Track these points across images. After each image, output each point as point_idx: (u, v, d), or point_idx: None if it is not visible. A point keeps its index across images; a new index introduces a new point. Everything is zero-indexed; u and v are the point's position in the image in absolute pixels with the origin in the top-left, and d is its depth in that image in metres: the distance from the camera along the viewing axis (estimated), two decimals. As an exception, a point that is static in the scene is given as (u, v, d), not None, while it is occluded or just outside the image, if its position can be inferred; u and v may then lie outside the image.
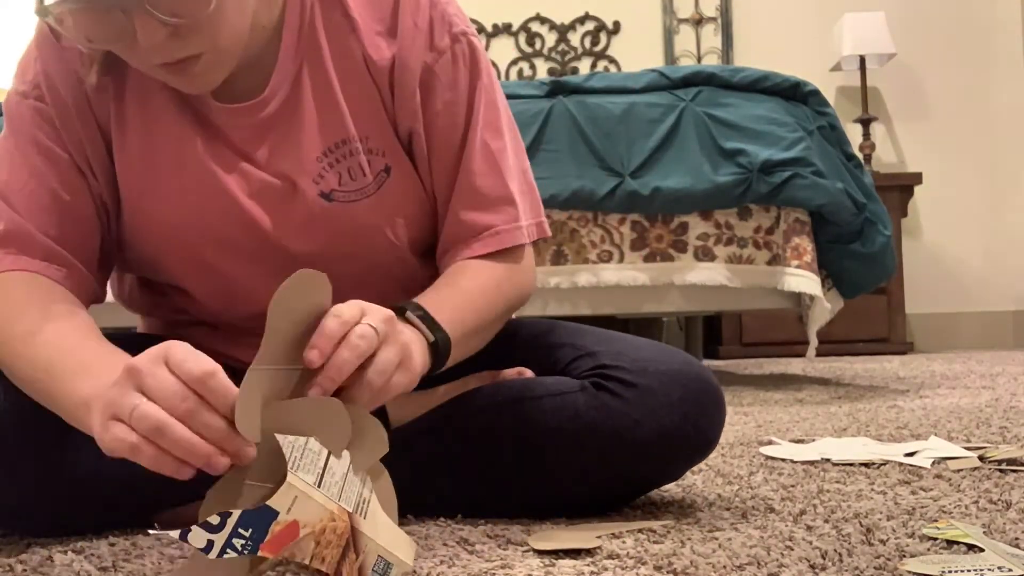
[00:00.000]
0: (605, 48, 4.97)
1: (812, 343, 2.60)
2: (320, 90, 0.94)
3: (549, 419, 0.93)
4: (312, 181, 0.94)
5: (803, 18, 4.85)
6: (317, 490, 0.66)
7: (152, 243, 0.98)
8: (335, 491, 0.68)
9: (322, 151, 0.94)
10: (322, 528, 0.66)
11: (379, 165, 0.96)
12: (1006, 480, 1.11)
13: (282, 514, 0.64)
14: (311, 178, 0.94)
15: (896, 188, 4.36)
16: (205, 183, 0.94)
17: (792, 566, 0.75)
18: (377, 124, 0.96)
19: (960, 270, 4.81)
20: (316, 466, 0.67)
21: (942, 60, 4.82)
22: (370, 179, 0.96)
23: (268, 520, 0.64)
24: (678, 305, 2.59)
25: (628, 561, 0.78)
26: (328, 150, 0.95)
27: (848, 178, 2.51)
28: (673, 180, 2.45)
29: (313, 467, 0.67)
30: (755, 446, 1.46)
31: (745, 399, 2.29)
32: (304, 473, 0.66)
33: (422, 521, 0.95)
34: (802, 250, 2.47)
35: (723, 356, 4.29)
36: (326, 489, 0.67)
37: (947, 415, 1.80)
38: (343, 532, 0.67)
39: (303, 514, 0.65)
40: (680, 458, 0.96)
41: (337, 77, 0.95)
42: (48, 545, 0.89)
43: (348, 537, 0.68)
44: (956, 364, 3.34)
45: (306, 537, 0.65)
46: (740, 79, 2.56)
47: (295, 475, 0.66)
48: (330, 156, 0.95)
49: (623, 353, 0.96)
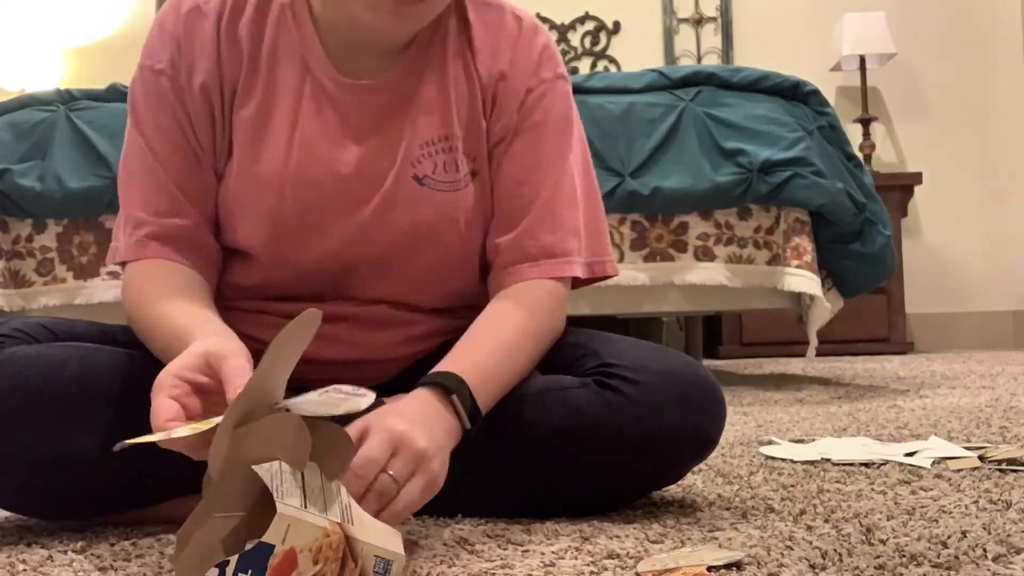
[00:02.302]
0: (605, 48, 4.97)
1: (812, 343, 2.60)
2: (439, 87, 1.02)
3: (551, 415, 0.93)
4: (410, 164, 1.00)
5: (803, 18, 4.85)
6: (305, 511, 0.66)
7: (246, 201, 1.00)
8: (321, 505, 0.67)
9: (426, 140, 1.01)
10: (318, 547, 0.66)
11: (470, 167, 1.03)
12: (1006, 480, 1.11)
13: (278, 546, 0.64)
14: (410, 161, 1.00)
15: (896, 188, 4.36)
16: (312, 145, 0.99)
17: (792, 566, 0.75)
18: (475, 131, 1.03)
19: (960, 270, 4.81)
20: (297, 487, 0.67)
21: (942, 60, 4.82)
22: (461, 176, 1.02)
23: (265, 556, 0.64)
24: (678, 305, 2.59)
25: (628, 561, 0.78)
26: (431, 140, 1.01)
27: (848, 178, 2.51)
28: (673, 180, 2.45)
29: (295, 489, 0.67)
30: (755, 446, 1.46)
31: (745, 399, 2.29)
32: (289, 498, 0.66)
33: (422, 521, 0.95)
34: (802, 250, 2.46)
35: (723, 356, 4.29)
36: (313, 507, 0.67)
37: (947, 415, 1.80)
38: (339, 545, 0.67)
39: (298, 539, 0.65)
40: (681, 456, 0.97)
41: (454, 79, 1.03)
42: (48, 545, 0.89)
43: (344, 548, 0.68)
44: (956, 364, 3.34)
45: (305, 561, 0.65)
46: (740, 79, 2.56)
47: (282, 503, 0.65)
48: (431, 147, 1.01)
49: (625, 352, 0.97)
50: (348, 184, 0.99)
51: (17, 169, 2.43)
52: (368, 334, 1.03)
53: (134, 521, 0.97)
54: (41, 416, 0.89)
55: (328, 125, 1.00)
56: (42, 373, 0.89)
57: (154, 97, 1.00)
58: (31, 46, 4.83)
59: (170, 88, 0.99)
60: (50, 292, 2.49)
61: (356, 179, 0.99)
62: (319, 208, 0.99)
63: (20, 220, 2.49)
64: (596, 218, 1.09)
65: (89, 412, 0.90)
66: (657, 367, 0.95)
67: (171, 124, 0.99)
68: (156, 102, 1.00)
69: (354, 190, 0.99)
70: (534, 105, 1.04)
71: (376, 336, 1.04)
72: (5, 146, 2.46)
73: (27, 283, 2.51)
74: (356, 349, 1.03)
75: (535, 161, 1.04)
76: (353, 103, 1.01)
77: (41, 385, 0.89)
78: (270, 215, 0.99)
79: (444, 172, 1.01)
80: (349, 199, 0.99)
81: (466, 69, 1.04)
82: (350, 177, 0.99)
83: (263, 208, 0.99)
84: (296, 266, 1.02)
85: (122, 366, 0.94)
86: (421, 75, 1.02)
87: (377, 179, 1.00)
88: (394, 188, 1.00)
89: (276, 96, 1.00)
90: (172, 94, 0.99)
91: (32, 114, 2.50)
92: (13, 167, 2.43)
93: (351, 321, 1.03)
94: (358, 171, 0.99)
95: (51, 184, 2.41)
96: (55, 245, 2.50)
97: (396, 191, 1.00)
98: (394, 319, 1.04)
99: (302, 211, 0.99)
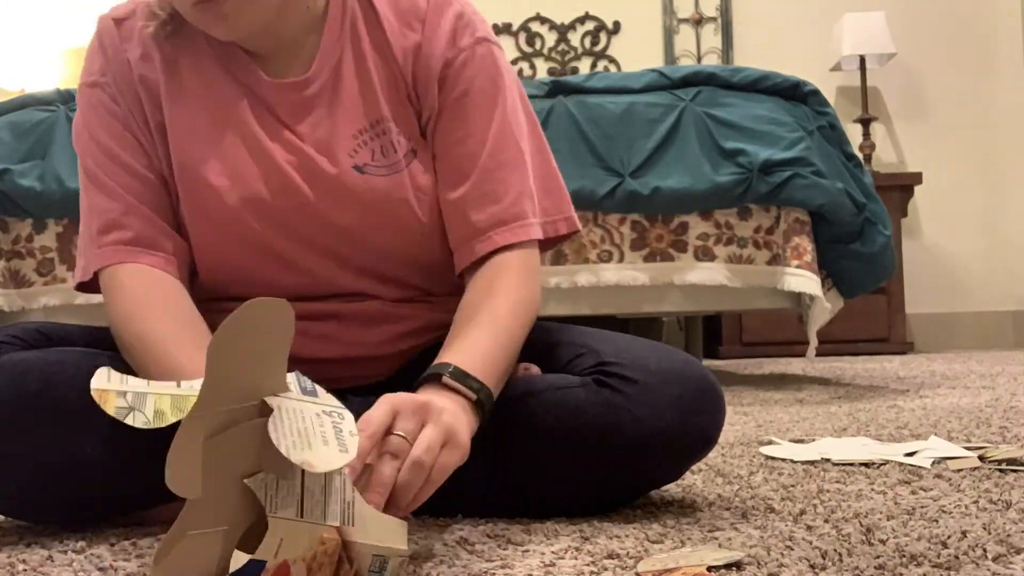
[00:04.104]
0: (605, 48, 4.97)
1: (812, 343, 2.60)
2: (359, 74, 1.03)
3: (550, 414, 0.93)
4: (347, 154, 1.01)
5: (803, 18, 4.85)
6: (301, 520, 0.65)
7: (196, 208, 1.01)
8: (319, 512, 0.66)
9: (358, 129, 1.02)
10: (312, 555, 0.64)
11: (406, 147, 1.03)
12: (1006, 480, 1.11)
13: (269, 560, 0.63)
14: (347, 152, 1.01)
15: (896, 188, 4.36)
16: (249, 145, 1.00)
17: (792, 566, 0.75)
18: (404, 110, 1.03)
19: (960, 270, 4.81)
20: (294, 495, 0.65)
21: (942, 60, 4.82)
22: (399, 157, 1.02)
23: (257, 572, 0.62)
24: (678, 305, 2.59)
25: (628, 561, 0.78)
26: (363, 128, 1.02)
27: (848, 178, 2.51)
28: (673, 180, 2.45)
29: (291, 497, 0.65)
30: (755, 446, 1.46)
31: (745, 399, 2.29)
32: (284, 510, 0.64)
33: (422, 520, 0.95)
34: (802, 250, 2.46)
35: (723, 356, 4.29)
36: (309, 515, 0.65)
37: (947, 415, 1.80)
38: (335, 550, 0.66)
39: (291, 551, 0.63)
40: (680, 456, 0.97)
41: (373, 64, 1.03)
42: (48, 545, 0.89)
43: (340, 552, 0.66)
44: (956, 364, 3.34)
45: (298, 571, 0.64)
46: (740, 79, 2.56)
47: (275, 516, 0.63)
48: (365, 134, 1.02)
49: (624, 351, 0.97)
50: (292, 182, 1.00)
51: (17, 169, 2.43)
52: (359, 331, 1.04)
53: (134, 521, 0.97)
54: (39, 421, 0.88)
55: (264, 125, 1.01)
56: (40, 378, 0.89)
57: (98, 109, 1.02)
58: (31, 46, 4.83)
59: (107, 97, 1.02)
60: (50, 292, 2.49)
61: (298, 175, 1.00)
62: (268, 210, 1.00)
63: (20, 220, 2.50)
64: (549, 175, 1.08)
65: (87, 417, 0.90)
66: (657, 366, 0.95)
67: (118, 130, 1.01)
68: (100, 113, 1.02)
69: (299, 187, 1.00)
70: (456, 77, 1.03)
71: (367, 332, 1.04)
72: (5, 146, 2.46)
73: (27, 283, 2.51)
74: (348, 347, 1.03)
75: (464, 133, 1.02)
76: (280, 101, 1.01)
77: (39, 390, 0.89)
78: (218, 220, 1.00)
79: (382, 156, 1.01)
80: (295, 196, 1.00)
81: (380, 51, 1.03)
82: (292, 175, 1.00)
83: (210, 213, 1.00)
84: (259, 267, 1.02)
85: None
86: (339, 64, 1.03)
87: (319, 174, 1.00)
88: (338, 181, 1.00)
89: (205, 99, 1.01)
90: (110, 102, 1.02)
91: (32, 114, 2.50)
92: (13, 167, 2.43)
93: (340, 318, 1.03)
94: (299, 168, 1.00)
95: (51, 184, 2.41)
96: (55, 245, 2.50)
97: (340, 184, 1.00)
98: (383, 315, 1.04)
99: (252, 214, 1.00)
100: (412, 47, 1.03)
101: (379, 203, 1.00)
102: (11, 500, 0.93)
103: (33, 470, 0.89)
